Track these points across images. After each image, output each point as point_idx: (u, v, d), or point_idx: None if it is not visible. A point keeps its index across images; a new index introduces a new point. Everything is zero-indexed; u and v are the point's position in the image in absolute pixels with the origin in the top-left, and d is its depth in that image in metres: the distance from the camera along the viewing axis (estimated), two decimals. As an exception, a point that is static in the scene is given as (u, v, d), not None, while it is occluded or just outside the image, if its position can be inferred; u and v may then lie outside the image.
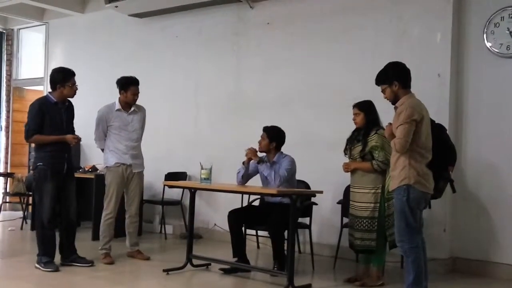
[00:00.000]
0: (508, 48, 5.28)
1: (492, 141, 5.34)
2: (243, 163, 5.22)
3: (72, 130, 5.17)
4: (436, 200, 4.28)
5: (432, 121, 4.10)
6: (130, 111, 5.56)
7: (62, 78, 5.03)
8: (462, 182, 5.29)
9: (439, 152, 4.03)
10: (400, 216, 3.94)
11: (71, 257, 5.15)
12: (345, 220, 5.23)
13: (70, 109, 5.20)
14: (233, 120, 6.96)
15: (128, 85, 5.50)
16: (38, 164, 5.01)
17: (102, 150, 5.62)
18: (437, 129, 4.18)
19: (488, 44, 5.38)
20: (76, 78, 5.10)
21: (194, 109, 7.37)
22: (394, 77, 4.02)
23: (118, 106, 5.52)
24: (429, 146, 3.95)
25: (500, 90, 5.32)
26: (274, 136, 5.21)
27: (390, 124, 4.05)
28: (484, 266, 5.32)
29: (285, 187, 4.98)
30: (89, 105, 6.20)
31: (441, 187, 4.13)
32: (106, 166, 5.54)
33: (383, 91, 4.10)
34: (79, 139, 5.10)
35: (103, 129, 5.51)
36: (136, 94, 5.53)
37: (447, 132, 4.50)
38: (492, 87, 5.37)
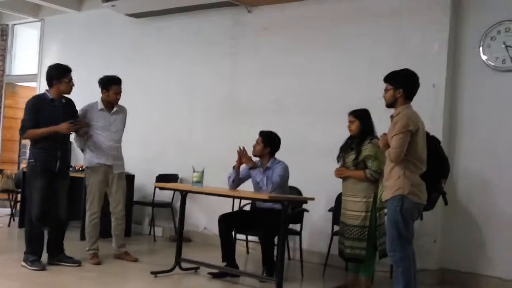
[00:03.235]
0: (503, 62, 5.29)
1: (484, 154, 5.35)
2: (234, 167, 5.21)
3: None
4: (427, 211, 4.27)
5: (427, 133, 4.10)
6: (113, 111, 5.48)
7: (59, 74, 5.02)
8: (453, 194, 5.28)
9: (433, 164, 4.02)
10: (392, 226, 3.93)
11: (58, 256, 5.10)
12: (336, 227, 5.21)
13: (69, 106, 5.16)
14: (227, 124, 6.93)
15: (110, 84, 5.42)
16: (30, 160, 4.99)
17: (82, 150, 5.53)
18: (431, 142, 4.18)
19: (484, 57, 5.39)
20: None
21: (188, 111, 7.34)
22: (403, 84, 4.01)
23: (101, 105, 5.45)
24: (423, 157, 3.95)
25: (494, 103, 5.33)
26: (269, 141, 5.20)
27: (385, 134, 4.04)
28: (473, 279, 5.31)
29: (277, 193, 4.96)
30: (81, 104, 6.12)
31: (433, 199, 4.14)
32: (87, 166, 5.47)
33: (385, 90, 4.08)
34: (74, 125, 4.95)
35: None
36: (118, 93, 5.45)
37: (441, 144, 4.50)
38: (486, 100, 5.38)
